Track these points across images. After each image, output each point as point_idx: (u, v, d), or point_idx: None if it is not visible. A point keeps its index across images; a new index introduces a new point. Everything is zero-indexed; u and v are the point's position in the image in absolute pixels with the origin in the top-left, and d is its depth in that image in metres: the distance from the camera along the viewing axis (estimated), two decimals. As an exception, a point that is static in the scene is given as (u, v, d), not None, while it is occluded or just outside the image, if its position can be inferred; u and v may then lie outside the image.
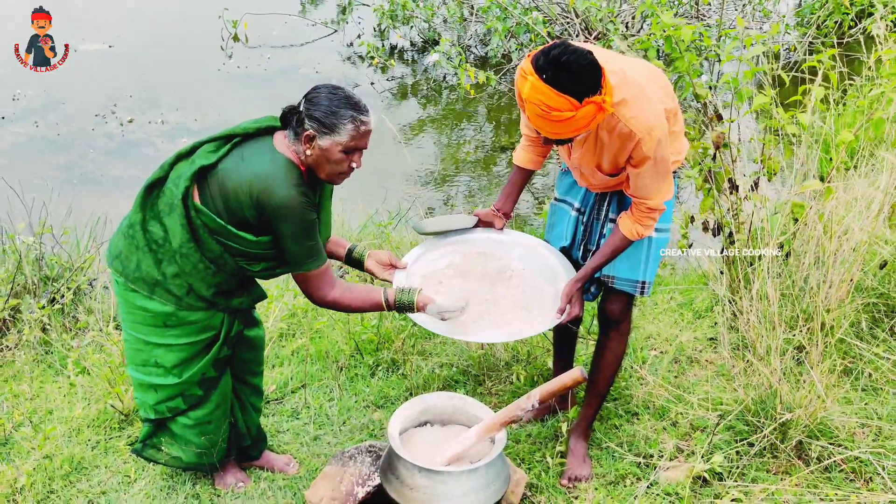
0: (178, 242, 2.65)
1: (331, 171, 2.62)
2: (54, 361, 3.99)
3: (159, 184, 2.70)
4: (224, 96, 7.67)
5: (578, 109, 2.42)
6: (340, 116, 2.53)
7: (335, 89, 2.58)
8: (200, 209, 2.62)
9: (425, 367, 3.83)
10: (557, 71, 2.40)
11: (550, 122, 2.48)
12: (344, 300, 2.77)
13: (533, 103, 2.46)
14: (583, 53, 2.43)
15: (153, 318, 2.74)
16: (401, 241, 4.99)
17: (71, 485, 3.15)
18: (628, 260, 2.98)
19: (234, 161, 2.62)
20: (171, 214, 2.64)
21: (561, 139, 2.58)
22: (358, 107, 2.57)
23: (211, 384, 2.90)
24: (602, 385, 3.17)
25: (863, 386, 3.44)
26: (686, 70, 3.92)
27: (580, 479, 3.09)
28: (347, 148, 2.57)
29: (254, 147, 2.64)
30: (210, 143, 2.68)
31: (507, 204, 3.21)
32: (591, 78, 2.42)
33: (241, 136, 2.67)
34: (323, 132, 2.54)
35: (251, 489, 3.11)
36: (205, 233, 2.65)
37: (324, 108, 2.53)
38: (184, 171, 2.64)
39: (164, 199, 2.66)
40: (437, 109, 7.70)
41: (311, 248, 2.64)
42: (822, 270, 3.58)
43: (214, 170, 2.63)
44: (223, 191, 2.60)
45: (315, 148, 2.57)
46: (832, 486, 2.93)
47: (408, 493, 2.64)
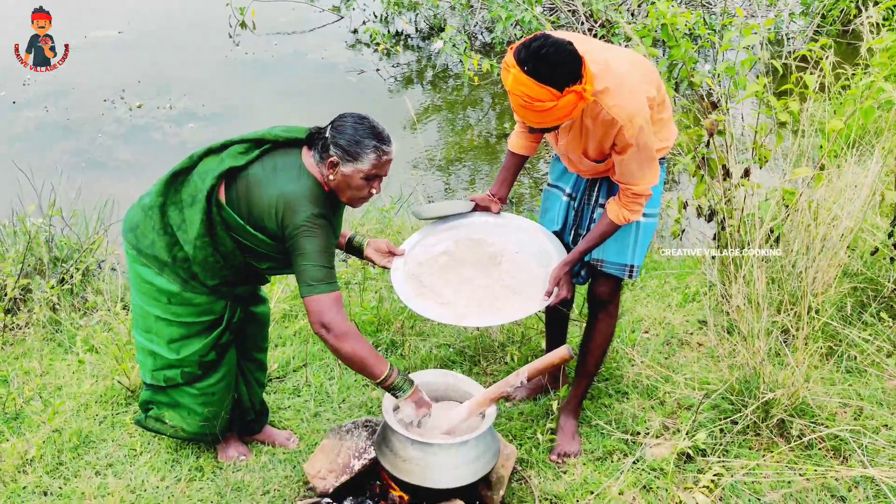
0: (194, 234, 2.75)
1: (351, 196, 2.74)
2: (63, 340, 4.12)
3: (185, 172, 2.80)
4: (231, 83, 7.77)
5: (559, 99, 2.51)
6: (364, 146, 2.64)
7: (361, 119, 2.69)
8: (224, 207, 2.73)
9: (423, 347, 3.94)
10: (538, 63, 2.48)
11: (533, 112, 2.57)
12: (354, 337, 2.68)
13: (516, 94, 2.55)
14: (562, 45, 2.51)
15: (158, 293, 2.85)
16: (402, 227, 5.09)
17: (79, 457, 3.27)
18: (617, 244, 3.07)
19: (265, 170, 2.71)
20: (192, 206, 2.74)
21: (545, 128, 2.67)
22: (381, 137, 2.68)
23: (211, 366, 3.01)
24: (591, 365, 3.27)
25: (847, 368, 3.53)
26: (682, 58, 4.00)
27: (569, 455, 3.20)
28: (369, 175, 2.69)
29: (284, 160, 2.73)
30: (241, 143, 2.77)
31: (502, 189, 3.29)
32: (571, 68, 2.50)
33: (271, 142, 2.77)
34: (346, 160, 2.65)
35: (252, 462, 3.22)
36: (221, 229, 2.75)
37: (348, 137, 2.64)
38: (212, 168, 2.74)
39: (188, 189, 2.76)
40: (441, 96, 7.78)
41: (326, 271, 2.67)
42: (810, 255, 3.66)
43: (243, 172, 2.73)
44: (249, 197, 2.71)
45: (338, 174, 2.68)
46: (812, 462, 3.03)
47: (401, 464, 2.75)
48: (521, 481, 3.09)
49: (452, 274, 3.14)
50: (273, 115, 6.85)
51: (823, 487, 2.93)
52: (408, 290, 3.07)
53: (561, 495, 3.02)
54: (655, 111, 2.85)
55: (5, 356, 3.96)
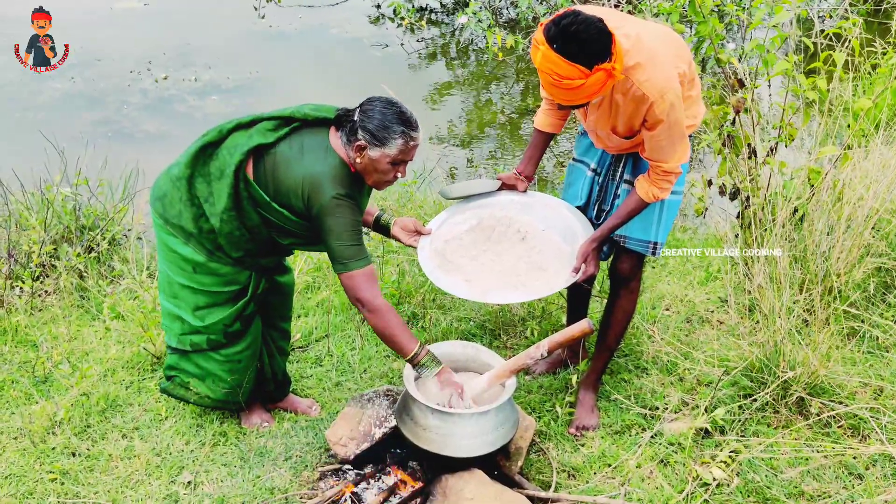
0: (221, 207, 2.78)
1: (377, 179, 2.76)
2: (91, 307, 4.18)
3: (213, 146, 2.81)
4: (256, 55, 7.79)
5: (588, 77, 2.49)
6: (392, 131, 2.66)
7: (390, 104, 2.70)
8: (251, 183, 2.75)
9: (444, 320, 3.97)
10: (567, 40, 2.46)
11: (562, 90, 2.56)
12: (387, 313, 2.74)
13: (544, 72, 2.54)
14: (592, 22, 2.48)
15: (184, 261, 2.89)
16: (424, 202, 5.11)
17: (106, 420, 3.34)
18: (641, 221, 3.06)
19: (293, 149, 2.74)
20: (220, 180, 2.77)
21: (574, 105, 2.66)
22: (409, 123, 2.69)
23: (236, 335, 3.05)
24: (611, 340, 3.28)
25: (869, 349, 3.52)
26: (709, 35, 3.96)
27: (587, 428, 3.23)
28: (395, 160, 2.71)
29: (312, 140, 2.75)
30: (270, 120, 2.79)
31: (528, 167, 3.29)
32: (600, 46, 2.48)
33: (300, 121, 2.78)
34: (374, 144, 2.66)
35: (275, 429, 3.28)
36: (248, 204, 2.79)
37: (377, 122, 2.65)
38: (241, 143, 2.76)
39: (216, 163, 2.79)
40: (465, 71, 7.76)
41: (356, 248, 2.72)
42: (834, 236, 3.65)
43: (272, 150, 2.75)
44: (275, 174, 2.73)
45: (365, 157, 2.69)
46: (830, 440, 3.04)
47: (421, 433, 2.79)
48: (540, 453, 3.13)
49: (478, 251, 3.16)
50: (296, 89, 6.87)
51: (841, 465, 2.94)
52: (433, 267, 3.10)
53: (578, 467, 3.05)
54: (686, 88, 2.83)
55: (34, 322, 4.04)
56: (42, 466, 3.08)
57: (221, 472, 3.05)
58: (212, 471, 3.06)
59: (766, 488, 2.87)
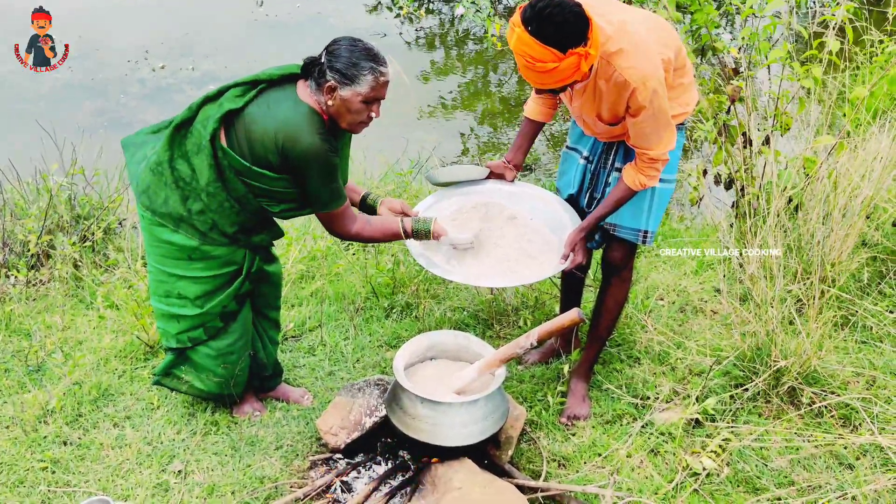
0: (205, 181, 2.78)
1: (351, 120, 2.73)
2: (85, 296, 4.19)
3: (187, 124, 2.82)
4: (254, 44, 7.76)
5: (562, 61, 2.49)
6: (360, 68, 2.64)
7: (355, 42, 2.69)
8: (227, 151, 2.75)
9: (438, 310, 3.96)
10: (542, 23, 2.46)
11: (535, 73, 2.56)
12: (365, 232, 2.94)
13: (519, 54, 2.54)
14: (568, 6, 2.47)
15: (178, 251, 2.88)
16: (419, 191, 5.10)
17: (98, 409, 3.34)
18: (631, 209, 3.05)
19: (260, 107, 2.73)
20: (198, 154, 2.77)
21: (548, 88, 2.65)
22: (377, 58, 2.68)
23: (231, 316, 3.05)
24: (603, 329, 3.28)
25: (862, 338, 3.51)
26: (704, 23, 3.95)
27: (579, 418, 3.22)
28: (367, 98, 2.69)
29: (278, 95, 2.74)
30: (236, 87, 2.79)
31: (517, 155, 3.28)
32: (575, 30, 2.48)
33: (265, 82, 2.78)
34: (344, 83, 2.65)
35: (267, 418, 3.28)
36: (230, 173, 2.78)
37: (344, 60, 2.64)
38: (212, 114, 2.76)
39: (192, 139, 2.79)
40: (463, 61, 7.73)
41: (333, 190, 2.78)
42: (829, 225, 3.63)
43: (241, 114, 2.74)
44: (248, 135, 2.72)
45: (336, 98, 2.68)
46: (821, 430, 3.03)
47: (410, 422, 2.79)
48: (530, 442, 3.13)
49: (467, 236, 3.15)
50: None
51: (831, 455, 2.94)
52: (422, 250, 3.09)
53: (569, 457, 3.05)
54: (674, 75, 2.82)
55: (28, 311, 4.04)
56: (33, 455, 3.09)
57: (212, 461, 3.05)
58: (202, 460, 3.06)
59: (756, 478, 2.87)
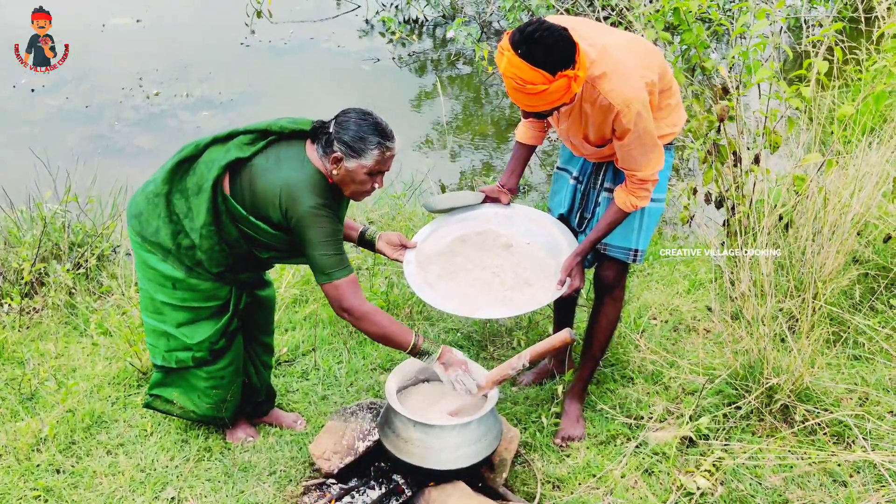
0: (200, 223, 2.79)
1: (354, 190, 2.76)
2: (79, 323, 4.19)
3: (190, 160, 2.82)
4: (247, 70, 7.81)
5: (551, 83, 2.53)
6: (368, 142, 2.67)
7: (365, 115, 2.71)
8: (228, 199, 2.76)
9: (431, 332, 3.97)
10: (531, 46, 2.50)
11: (525, 95, 2.58)
12: (375, 316, 2.75)
13: (509, 77, 2.57)
14: (557, 29, 2.52)
15: (163, 278, 2.89)
16: (413, 213, 5.12)
17: (91, 436, 3.33)
18: (622, 228, 3.07)
19: (269, 161, 2.74)
20: (198, 195, 2.77)
21: (537, 112, 2.68)
22: (385, 133, 2.70)
23: (220, 352, 3.05)
24: (596, 349, 3.28)
25: (854, 355, 3.52)
26: (693, 43, 3.98)
27: (573, 439, 3.22)
28: (372, 171, 2.72)
29: (288, 152, 2.76)
30: (247, 134, 2.79)
31: (511, 179, 3.30)
32: (564, 53, 2.51)
33: (276, 134, 2.79)
34: (350, 156, 2.68)
35: (260, 443, 3.27)
36: (227, 218, 2.79)
37: (352, 133, 2.67)
38: (217, 158, 2.76)
39: (194, 178, 2.79)
40: (455, 84, 7.79)
41: (338, 258, 2.73)
42: (819, 242, 3.65)
43: (248, 163, 2.75)
44: (252, 186, 2.73)
45: (342, 169, 2.70)
46: (814, 448, 3.03)
47: (403, 445, 2.79)
48: (525, 464, 3.12)
49: (464, 265, 3.16)
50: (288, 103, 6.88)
51: (825, 472, 2.93)
52: (420, 282, 3.09)
53: (563, 478, 3.04)
54: (660, 97, 2.84)
55: (22, 338, 4.03)
56: (26, 484, 3.08)
57: (205, 487, 3.04)
58: (196, 486, 3.05)
59: (750, 496, 2.87)
